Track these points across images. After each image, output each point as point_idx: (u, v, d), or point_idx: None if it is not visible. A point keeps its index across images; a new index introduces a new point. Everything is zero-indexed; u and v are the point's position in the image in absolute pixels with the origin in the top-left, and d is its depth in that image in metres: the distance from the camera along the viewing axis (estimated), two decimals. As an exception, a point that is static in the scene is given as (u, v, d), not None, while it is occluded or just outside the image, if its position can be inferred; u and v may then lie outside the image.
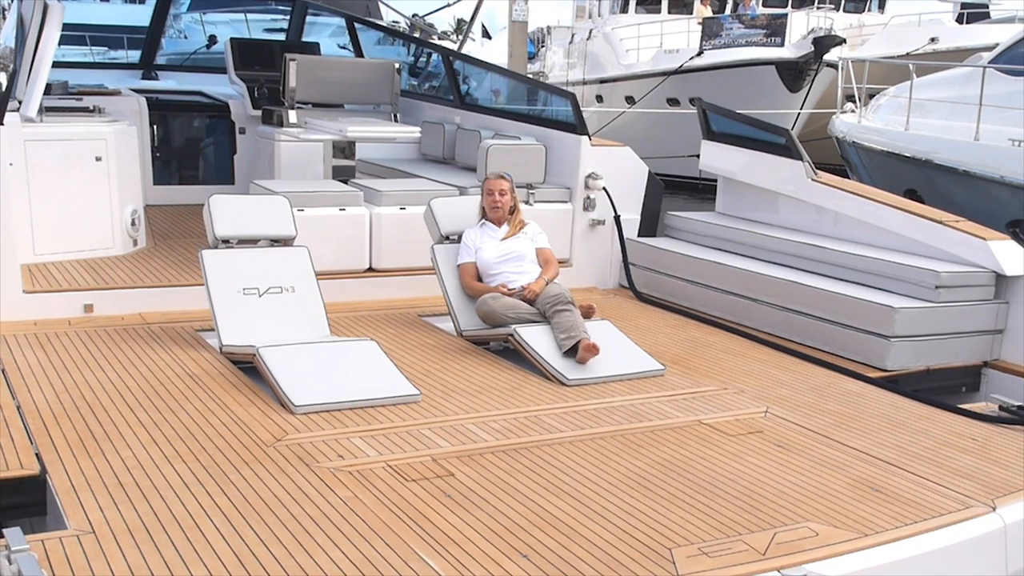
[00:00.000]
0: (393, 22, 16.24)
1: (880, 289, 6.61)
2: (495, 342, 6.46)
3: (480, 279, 6.69)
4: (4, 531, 3.49)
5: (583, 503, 4.17)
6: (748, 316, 7.17)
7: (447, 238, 6.95)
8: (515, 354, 6.21)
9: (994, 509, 4.21)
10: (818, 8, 27.33)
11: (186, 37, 13.08)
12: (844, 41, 20.53)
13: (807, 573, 3.62)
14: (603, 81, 25.55)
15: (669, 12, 26.88)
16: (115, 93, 9.56)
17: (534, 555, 3.68)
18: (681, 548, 3.75)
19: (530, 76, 24.12)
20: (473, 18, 11.07)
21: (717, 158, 8.67)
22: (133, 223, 7.90)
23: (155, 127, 10.00)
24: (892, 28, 24.75)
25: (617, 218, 8.37)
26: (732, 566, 3.62)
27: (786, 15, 22.32)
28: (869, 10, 29.19)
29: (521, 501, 4.16)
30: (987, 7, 30.78)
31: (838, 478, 4.51)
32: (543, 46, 34.67)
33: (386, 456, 4.59)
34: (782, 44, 20.83)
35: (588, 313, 6.52)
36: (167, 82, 11.40)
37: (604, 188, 8.33)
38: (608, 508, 4.12)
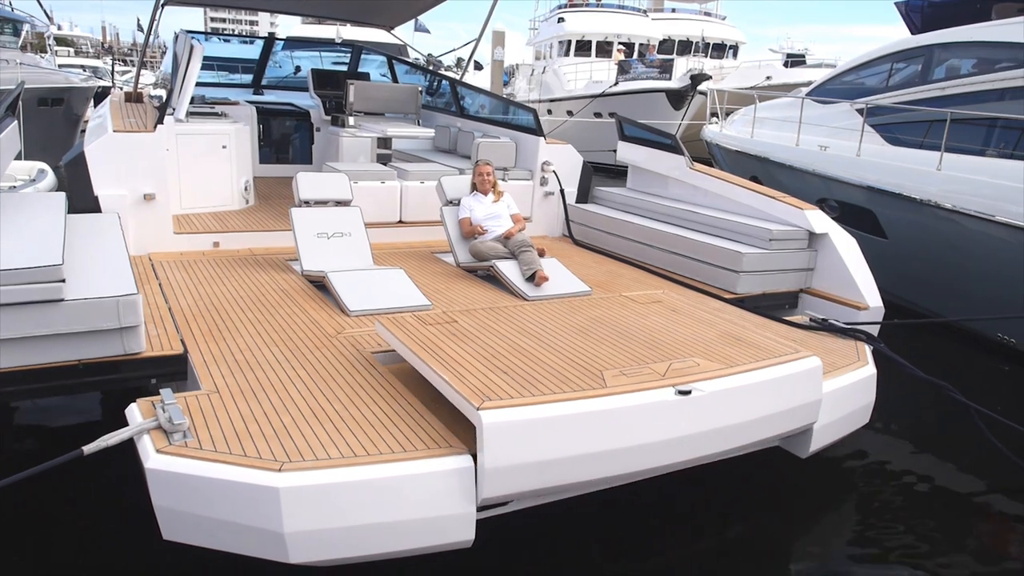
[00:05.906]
0: (416, 59, 15.88)
1: (733, 240, 6.56)
2: (481, 271, 6.36)
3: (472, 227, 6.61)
4: (160, 391, 3.49)
5: (544, 342, 4.11)
6: (647, 257, 7.10)
7: (450, 202, 6.82)
8: (494, 279, 6.12)
9: None
10: (694, 56, 27.45)
11: (281, 67, 12.61)
12: (711, 77, 20.38)
13: (692, 388, 3.60)
14: (552, 100, 25.21)
15: (596, 56, 26.63)
16: (235, 103, 9.33)
17: (511, 372, 3.64)
18: (608, 371, 3.71)
19: (505, 96, 23.74)
20: (470, 58, 10.77)
21: (628, 152, 8.54)
22: (246, 188, 7.74)
23: (261, 126, 9.77)
24: (742, 69, 24.64)
25: (562, 191, 8.26)
26: (642, 382, 3.59)
27: (673, 60, 22.10)
28: (727, 58, 29.28)
29: (503, 340, 4.10)
30: (804, 57, 30.74)
31: (712, 332, 4.47)
32: (514, 76, 34.05)
33: None
34: (670, 79, 20.61)
35: (541, 253, 6.42)
36: (269, 96, 11.14)
37: (554, 171, 8.23)
38: (561, 345, 4.07)
